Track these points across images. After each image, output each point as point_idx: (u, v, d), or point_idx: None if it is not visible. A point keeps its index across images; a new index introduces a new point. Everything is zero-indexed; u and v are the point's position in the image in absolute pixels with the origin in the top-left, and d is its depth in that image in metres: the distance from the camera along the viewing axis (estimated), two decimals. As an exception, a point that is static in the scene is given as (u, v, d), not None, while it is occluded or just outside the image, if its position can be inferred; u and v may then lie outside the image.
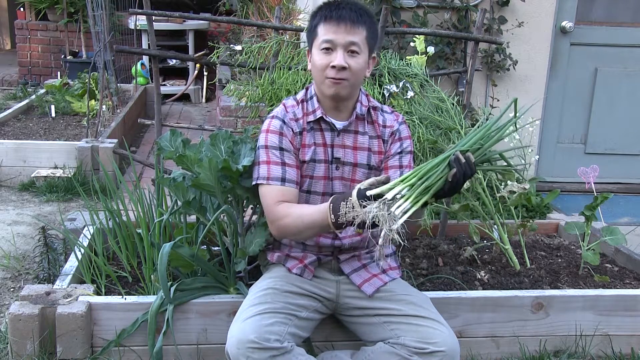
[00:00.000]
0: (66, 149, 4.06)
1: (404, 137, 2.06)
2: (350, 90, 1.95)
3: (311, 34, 1.96)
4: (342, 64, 1.87)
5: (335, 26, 1.88)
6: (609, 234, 2.67)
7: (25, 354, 2.01)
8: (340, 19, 1.87)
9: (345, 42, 1.88)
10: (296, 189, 1.96)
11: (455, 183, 1.74)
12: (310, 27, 1.97)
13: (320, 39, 1.90)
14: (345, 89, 1.93)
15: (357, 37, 1.89)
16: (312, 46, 1.95)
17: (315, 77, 1.96)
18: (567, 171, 4.30)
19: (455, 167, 1.73)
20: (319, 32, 1.91)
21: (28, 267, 2.83)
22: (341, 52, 1.88)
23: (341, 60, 1.87)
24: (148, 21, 3.12)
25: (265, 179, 1.94)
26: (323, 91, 1.95)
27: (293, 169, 1.97)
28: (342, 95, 1.95)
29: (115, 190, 2.61)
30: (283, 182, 1.94)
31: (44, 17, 7.42)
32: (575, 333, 2.31)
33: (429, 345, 1.79)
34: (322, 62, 1.90)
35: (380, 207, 1.60)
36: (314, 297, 1.98)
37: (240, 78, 3.79)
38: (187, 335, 2.11)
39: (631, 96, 4.36)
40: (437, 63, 3.94)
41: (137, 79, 6.39)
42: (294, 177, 1.96)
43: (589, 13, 4.24)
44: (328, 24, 1.89)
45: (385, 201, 1.61)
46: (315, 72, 1.94)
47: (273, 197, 1.92)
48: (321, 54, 1.90)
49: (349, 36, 1.88)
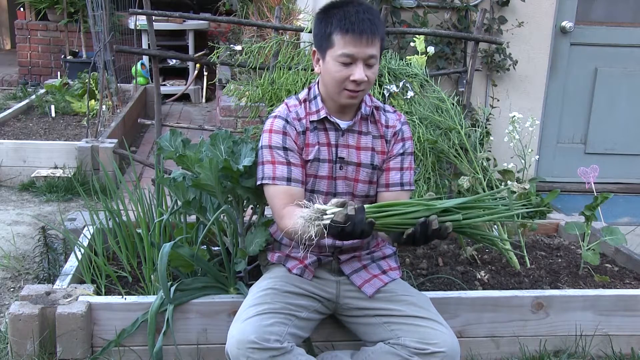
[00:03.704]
0: (66, 149, 4.06)
1: (407, 138, 2.07)
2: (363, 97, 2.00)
3: (325, 40, 1.90)
4: (363, 78, 1.87)
5: (357, 40, 1.85)
6: (609, 234, 2.67)
7: (25, 354, 2.01)
8: (363, 33, 1.84)
9: (365, 56, 1.87)
10: (302, 188, 1.96)
11: (412, 240, 1.71)
12: (323, 33, 1.91)
13: (339, 51, 1.87)
14: (360, 98, 1.97)
15: (375, 49, 1.88)
16: (326, 53, 1.91)
17: (330, 85, 1.94)
18: (567, 171, 4.29)
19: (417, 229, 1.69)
20: (335, 42, 1.87)
21: (28, 267, 2.83)
22: (361, 66, 1.87)
23: (362, 75, 1.87)
24: (148, 21, 3.13)
25: (271, 179, 1.94)
26: (337, 100, 1.96)
27: (298, 168, 1.97)
28: (355, 104, 1.99)
29: (115, 190, 2.61)
30: (289, 182, 1.94)
31: (44, 17, 7.42)
32: (575, 333, 2.31)
33: (429, 346, 1.79)
34: (341, 75, 1.89)
35: (312, 213, 1.66)
36: (314, 297, 1.98)
37: (240, 78, 3.79)
38: (187, 335, 2.11)
39: (631, 96, 4.36)
40: (437, 63, 3.94)
41: (137, 79, 6.39)
42: (300, 176, 1.96)
43: (589, 13, 4.24)
44: (348, 36, 1.85)
45: (320, 212, 1.67)
46: (331, 82, 1.92)
47: (280, 197, 1.93)
48: (339, 66, 1.88)
49: (369, 49, 1.87)
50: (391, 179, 2.04)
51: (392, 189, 2.04)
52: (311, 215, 1.64)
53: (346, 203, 1.67)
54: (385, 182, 2.05)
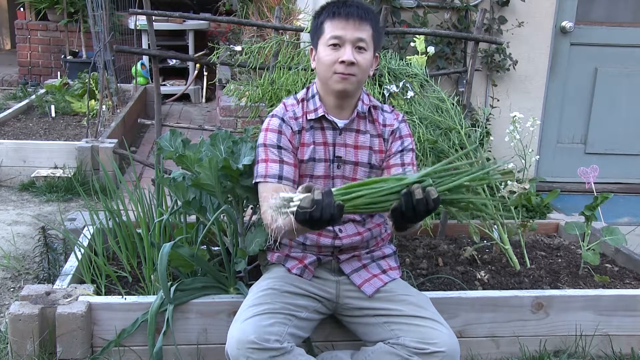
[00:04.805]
0: (66, 149, 4.06)
1: (405, 135, 2.07)
2: (357, 87, 1.97)
3: (317, 31, 1.96)
4: (351, 59, 1.88)
5: (344, 22, 1.89)
6: (609, 234, 2.67)
7: (25, 354, 2.01)
8: (349, 16, 1.89)
9: (353, 38, 1.89)
10: (293, 187, 1.96)
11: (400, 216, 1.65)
12: (315, 25, 1.97)
13: (327, 35, 1.91)
14: (352, 84, 1.94)
15: (365, 33, 1.91)
16: (318, 43, 1.95)
17: (322, 73, 1.96)
18: (567, 171, 4.29)
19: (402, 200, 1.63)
20: (325, 29, 1.92)
21: (28, 267, 2.83)
22: (350, 48, 1.89)
23: (350, 56, 1.88)
24: (148, 21, 3.12)
25: (263, 177, 1.95)
26: (331, 87, 1.96)
27: (291, 167, 1.97)
28: (349, 91, 1.96)
29: (115, 190, 2.61)
30: (280, 180, 1.94)
31: (44, 17, 7.42)
32: (575, 333, 2.31)
33: (429, 346, 1.79)
34: (330, 58, 1.91)
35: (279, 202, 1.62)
36: (314, 297, 1.98)
37: (240, 78, 3.79)
38: (187, 335, 2.11)
39: (631, 96, 4.36)
40: (437, 63, 3.94)
41: (137, 79, 6.39)
42: (292, 175, 1.97)
43: (589, 13, 4.24)
44: (336, 20, 1.90)
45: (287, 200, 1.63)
46: (322, 68, 1.94)
47: (269, 194, 1.91)
48: (328, 50, 1.91)
49: (357, 32, 1.89)
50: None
51: None
52: (278, 204, 1.60)
53: (312, 187, 1.62)
54: None
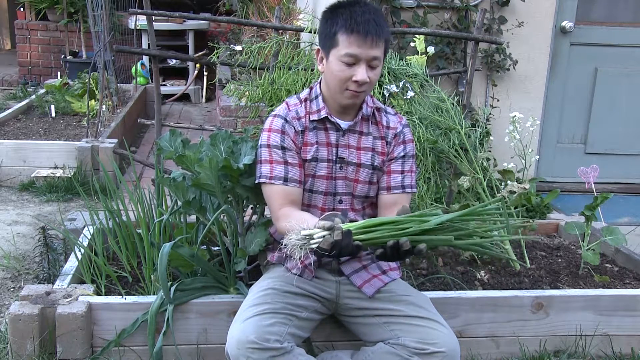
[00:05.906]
0: (66, 149, 4.06)
1: (408, 141, 2.08)
2: (364, 97, 1.99)
3: (329, 39, 1.91)
4: (365, 79, 1.87)
5: (362, 41, 1.85)
6: (609, 234, 2.67)
7: (25, 354, 2.01)
8: (367, 35, 1.85)
9: (369, 57, 1.87)
10: (299, 188, 1.97)
11: (384, 258, 1.73)
12: (327, 31, 1.91)
13: (342, 51, 1.87)
14: (361, 99, 1.97)
15: (379, 51, 1.89)
16: (330, 53, 1.91)
17: (332, 85, 1.95)
18: (567, 171, 4.29)
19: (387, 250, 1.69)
20: (340, 42, 1.88)
21: (28, 267, 2.83)
22: (364, 67, 1.87)
23: (364, 76, 1.87)
24: (148, 21, 3.13)
25: (268, 178, 1.95)
26: (339, 100, 1.96)
27: (296, 167, 1.97)
28: (357, 104, 1.99)
29: (115, 190, 2.61)
30: (286, 182, 1.94)
31: (44, 17, 7.43)
32: (575, 333, 2.31)
33: (429, 346, 1.79)
34: (343, 75, 1.89)
35: (299, 241, 1.67)
36: (314, 297, 1.98)
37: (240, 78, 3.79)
38: (187, 335, 2.11)
39: (631, 96, 4.36)
40: (437, 63, 3.93)
41: (137, 79, 6.39)
42: (297, 176, 1.97)
43: (589, 13, 4.24)
44: (353, 37, 1.85)
45: (307, 238, 1.67)
46: (333, 82, 1.93)
47: (276, 197, 1.94)
48: (342, 66, 1.88)
49: (373, 51, 1.87)
50: (392, 182, 2.04)
51: (394, 191, 2.04)
52: (297, 243, 1.65)
53: (333, 227, 1.66)
54: (387, 184, 2.05)
